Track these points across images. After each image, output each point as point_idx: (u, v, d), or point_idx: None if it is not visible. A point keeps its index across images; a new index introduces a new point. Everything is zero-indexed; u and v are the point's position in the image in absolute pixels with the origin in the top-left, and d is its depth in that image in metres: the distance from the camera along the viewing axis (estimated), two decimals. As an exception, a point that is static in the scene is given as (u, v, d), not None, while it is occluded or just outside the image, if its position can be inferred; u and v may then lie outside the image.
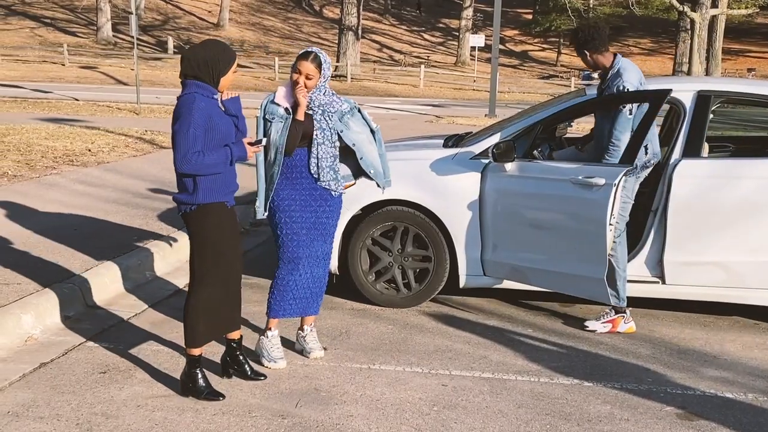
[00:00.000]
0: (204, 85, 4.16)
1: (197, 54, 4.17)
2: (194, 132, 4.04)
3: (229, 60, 4.22)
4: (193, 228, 4.28)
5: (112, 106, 22.02)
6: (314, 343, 5.03)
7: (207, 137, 4.11)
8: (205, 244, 4.26)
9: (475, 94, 38.31)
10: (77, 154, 12.05)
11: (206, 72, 4.15)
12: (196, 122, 4.05)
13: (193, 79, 4.16)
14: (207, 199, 4.20)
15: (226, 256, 4.32)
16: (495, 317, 5.89)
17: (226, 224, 4.30)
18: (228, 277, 4.39)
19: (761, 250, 5.50)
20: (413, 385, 4.62)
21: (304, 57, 4.64)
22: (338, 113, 4.77)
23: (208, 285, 4.31)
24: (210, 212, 4.22)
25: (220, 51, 4.21)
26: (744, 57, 57.06)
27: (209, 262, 4.28)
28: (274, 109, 4.67)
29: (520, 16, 67.14)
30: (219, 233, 4.26)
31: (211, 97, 4.18)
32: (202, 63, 4.15)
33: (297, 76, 4.62)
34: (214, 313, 4.37)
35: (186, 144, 4.03)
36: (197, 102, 4.08)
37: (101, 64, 39.71)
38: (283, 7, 63.13)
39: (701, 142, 5.67)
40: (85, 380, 4.55)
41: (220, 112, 4.23)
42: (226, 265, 4.34)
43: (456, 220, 5.85)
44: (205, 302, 4.32)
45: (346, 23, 39.80)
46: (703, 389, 4.67)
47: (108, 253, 6.52)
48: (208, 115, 4.10)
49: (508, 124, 6.17)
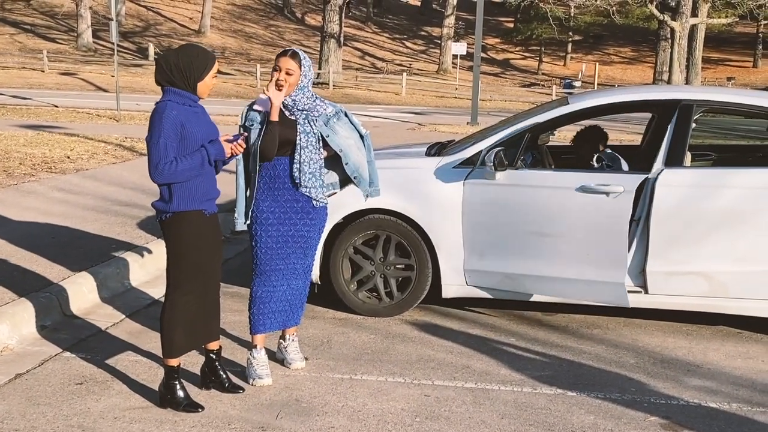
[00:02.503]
0: (180, 92, 4.08)
1: (170, 59, 4.09)
2: (165, 142, 3.97)
3: (203, 64, 4.11)
4: (168, 236, 4.21)
5: (91, 112, 21.87)
6: (295, 353, 4.96)
7: (181, 146, 4.04)
8: (179, 253, 4.19)
9: (457, 102, 38.37)
10: (56, 161, 11.93)
11: (180, 78, 4.07)
12: (167, 132, 3.98)
13: (168, 85, 4.09)
14: (182, 207, 4.12)
15: (203, 264, 4.25)
16: (477, 326, 5.85)
17: (204, 232, 4.22)
18: (205, 286, 4.32)
19: (744, 259, 5.49)
20: (395, 396, 4.56)
21: (283, 54, 4.53)
22: (323, 117, 4.65)
23: (184, 294, 4.23)
24: (185, 220, 4.15)
25: (194, 55, 4.10)
26: (723, 66, 57.55)
27: (185, 271, 4.21)
28: (253, 115, 4.56)
29: (501, 25, 67.41)
30: (195, 241, 4.19)
31: (188, 104, 4.10)
32: (175, 68, 4.07)
33: (276, 73, 4.49)
34: (191, 322, 4.29)
35: (157, 155, 3.98)
36: (168, 110, 4.01)
37: (81, 70, 39.48)
38: (264, 14, 63.06)
39: (684, 152, 5.66)
40: (62, 391, 4.47)
41: (198, 120, 4.13)
42: (203, 274, 4.27)
43: (439, 228, 5.80)
44: (181, 311, 4.24)
45: (328, 30, 39.78)
46: (686, 399, 4.64)
47: (86, 262, 6.44)
48: (180, 124, 4.02)
49: (490, 132, 6.14)
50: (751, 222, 5.46)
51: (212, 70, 4.16)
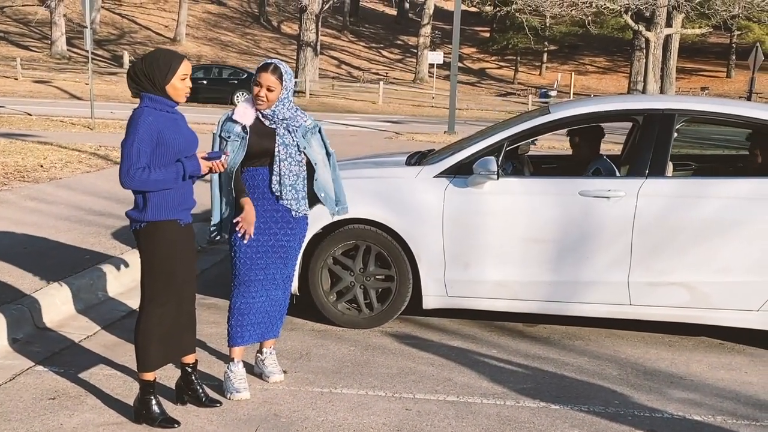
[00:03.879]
0: (157, 98, 4.01)
1: (136, 67, 4.04)
2: (138, 147, 3.90)
3: (167, 66, 4.01)
4: (142, 246, 4.10)
5: (65, 120, 21.62)
6: (274, 366, 4.86)
7: (157, 152, 3.96)
8: (154, 263, 4.09)
9: (434, 111, 38.38)
10: (29, 170, 11.75)
11: (148, 83, 4.00)
12: (141, 137, 3.90)
13: (144, 91, 4.01)
14: (156, 216, 4.03)
15: (177, 275, 4.14)
16: (459, 338, 5.78)
17: (179, 242, 4.12)
18: (180, 298, 4.21)
19: (726, 270, 5.47)
20: (376, 410, 4.48)
21: (264, 68, 4.45)
22: (302, 129, 4.59)
23: (159, 305, 4.13)
24: (159, 230, 4.05)
25: (155, 58, 4.03)
26: (697, 76, 58.08)
27: (160, 282, 4.11)
28: (231, 126, 4.46)
29: (477, 34, 67.66)
30: (169, 251, 4.08)
31: (165, 110, 4.02)
32: (141, 75, 4.00)
33: (258, 89, 4.43)
34: (166, 335, 4.18)
35: (129, 159, 3.90)
36: (144, 116, 3.94)
37: (55, 78, 39.12)
38: (240, 22, 62.89)
39: (665, 161, 5.63)
40: (34, 406, 4.35)
41: (176, 127, 4.05)
42: (178, 285, 4.16)
43: (419, 239, 5.73)
44: (156, 324, 4.14)
45: (305, 39, 39.73)
46: (671, 412, 4.59)
47: (59, 273, 6.30)
48: (156, 130, 3.94)
49: (471, 141, 6.08)
50: (733, 232, 5.44)
51: (178, 71, 4.03)
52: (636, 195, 5.52)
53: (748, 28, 51.74)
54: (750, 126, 5.93)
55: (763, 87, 50.16)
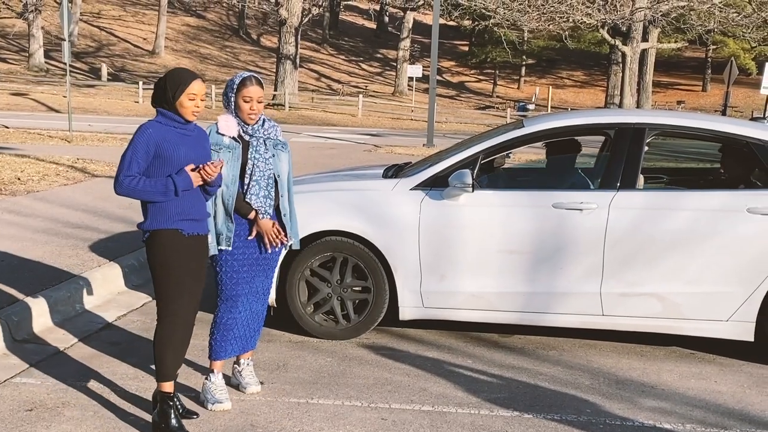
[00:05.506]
0: (167, 113, 4.15)
1: (158, 83, 4.19)
2: (131, 156, 4.05)
3: (177, 83, 4.12)
4: (149, 255, 4.20)
5: (43, 133, 21.55)
6: (251, 377, 4.90)
7: (155, 164, 4.07)
8: (157, 273, 4.16)
9: (413, 124, 38.54)
10: (6, 183, 11.72)
11: (163, 99, 4.14)
12: (135, 147, 4.05)
13: (159, 107, 4.16)
14: (155, 225, 4.11)
15: (186, 284, 4.17)
16: (434, 348, 5.84)
17: (181, 252, 4.15)
18: (188, 306, 4.23)
19: (696, 281, 5.57)
20: (352, 420, 4.53)
21: (249, 82, 4.52)
22: (274, 141, 4.67)
23: (168, 314, 4.18)
24: (160, 238, 4.11)
25: (171, 75, 4.18)
26: (673, 90, 58.64)
27: (167, 291, 4.16)
28: (218, 138, 4.49)
29: (456, 48, 67.99)
30: (171, 261, 4.12)
31: (172, 125, 4.13)
32: (159, 90, 4.16)
33: (248, 104, 4.50)
34: (179, 344, 4.24)
35: (121, 166, 4.06)
36: (145, 128, 4.09)
37: (33, 90, 38.92)
38: (219, 35, 62.89)
39: (636, 174, 5.73)
40: (11, 418, 4.36)
41: (183, 141, 4.13)
42: (187, 294, 4.19)
43: (396, 250, 5.80)
44: (169, 333, 4.18)
45: (284, 52, 39.78)
46: (641, 420, 4.67)
47: (36, 286, 6.31)
48: (154, 142, 4.05)
49: (447, 154, 6.16)
50: (703, 244, 5.55)
51: (187, 89, 4.11)
52: (608, 207, 5.62)
53: (724, 43, 52.34)
54: (719, 140, 6.06)
55: (738, 101, 50.74)
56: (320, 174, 7.38)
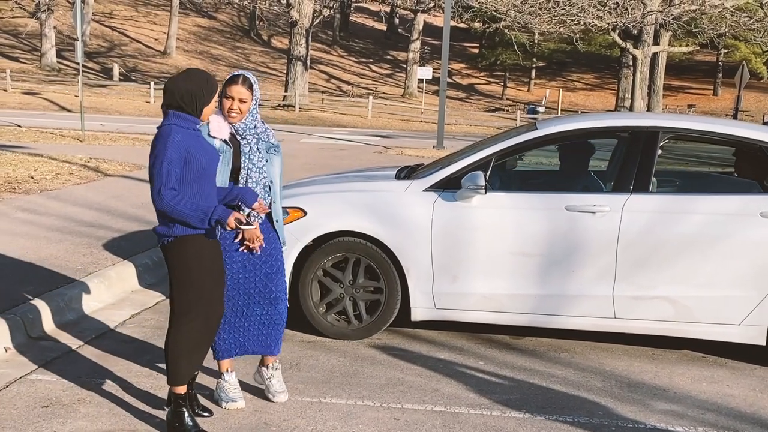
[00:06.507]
0: (185, 116, 4.06)
1: (180, 85, 4.07)
2: (168, 167, 3.94)
3: (212, 90, 4.11)
4: (171, 261, 4.14)
5: (55, 132, 21.65)
6: (279, 384, 4.78)
7: (185, 170, 4.00)
8: (182, 277, 4.12)
9: (423, 126, 38.55)
10: (19, 182, 11.79)
11: (189, 103, 4.05)
12: (170, 158, 3.94)
13: (176, 109, 4.06)
14: (185, 231, 4.05)
15: (206, 289, 4.16)
16: (446, 349, 5.86)
17: (206, 256, 4.15)
18: (208, 312, 4.21)
19: (709, 284, 5.58)
20: (365, 419, 4.55)
21: (234, 81, 4.43)
22: (266, 144, 4.59)
23: (189, 320, 4.15)
24: (187, 243, 4.08)
25: (204, 81, 4.10)
26: (684, 93, 58.48)
27: (189, 296, 4.12)
28: (210, 142, 4.36)
29: (466, 50, 67.97)
30: (197, 265, 4.11)
31: (191, 128, 4.07)
32: (186, 94, 4.05)
33: (229, 102, 4.41)
34: (194, 348, 4.21)
35: (160, 180, 3.94)
36: (173, 136, 3.98)
37: (45, 90, 39.10)
38: (230, 36, 63.02)
39: (650, 177, 5.75)
40: (27, 414, 4.40)
41: (201, 143, 4.10)
42: (206, 299, 4.17)
43: (408, 251, 5.82)
44: (185, 338, 4.16)
45: (295, 53, 39.84)
46: (653, 423, 4.68)
47: (51, 283, 6.36)
48: (185, 149, 3.99)
49: (460, 156, 6.18)
50: (716, 247, 5.55)
51: (216, 95, 4.17)
52: (621, 210, 5.63)
53: (735, 47, 52.18)
54: (733, 144, 6.06)
55: (749, 105, 50.61)
56: (332, 175, 7.41)
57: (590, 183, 6.46)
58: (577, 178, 6.60)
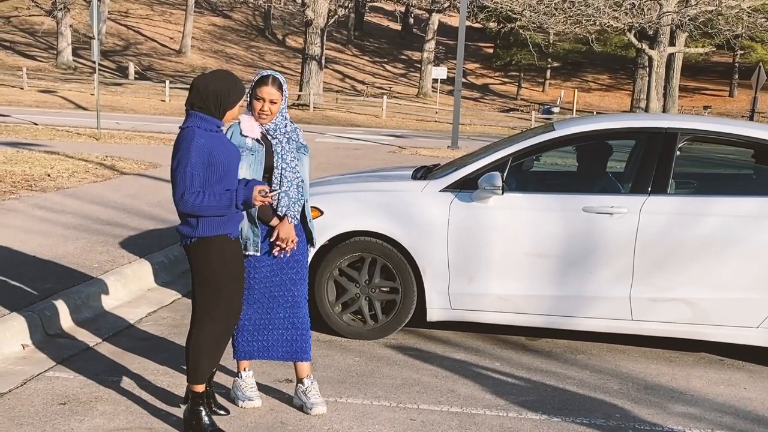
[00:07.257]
0: (207, 118, 4.04)
1: (208, 85, 4.05)
2: (191, 172, 3.93)
3: (239, 94, 4.12)
4: (194, 261, 4.14)
5: (71, 131, 21.75)
6: (316, 397, 4.63)
7: (208, 172, 3.99)
8: (205, 278, 4.12)
9: (437, 126, 38.52)
10: (36, 179, 11.85)
11: (214, 104, 4.04)
12: (194, 162, 3.93)
13: (198, 110, 4.04)
14: (208, 232, 4.05)
15: (227, 289, 4.17)
16: (462, 350, 5.85)
17: (228, 256, 4.15)
18: (229, 312, 4.22)
19: (726, 287, 5.55)
20: (381, 420, 4.55)
21: (264, 82, 4.39)
22: (297, 144, 4.58)
23: (211, 320, 4.16)
24: (211, 244, 4.08)
25: (232, 84, 4.09)
26: (700, 94, 58.21)
27: (212, 296, 4.14)
28: (241, 141, 4.38)
29: (481, 50, 67.88)
30: (221, 266, 4.11)
31: (213, 130, 4.05)
32: (212, 95, 4.03)
33: (260, 103, 4.38)
34: (217, 349, 4.23)
35: (183, 185, 3.93)
36: (196, 139, 3.96)
37: (61, 88, 39.27)
38: (245, 35, 63.15)
39: (668, 179, 5.72)
40: (44, 411, 4.42)
41: (222, 144, 4.08)
42: (227, 300, 4.18)
43: (424, 252, 5.81)
44: (207, 338, 4.17)
45: (310, 53, 39.87)
46: (670, 426, 4.66)
47: (68, 281, 6.39)
48: (207, 152, 3.97)
49: (477, 157, 6.17)
50: (733, 249, 5.52)
51: (242, 99, 4.18)
52: (639, 212, 5.60)
53: (751, 48, 51.90)
54: (751, 146, 6.02)
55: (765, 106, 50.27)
56: (347, 174, 7.41)
57: (608, 184, 6.44)
58: (595, 179, 6.58)
